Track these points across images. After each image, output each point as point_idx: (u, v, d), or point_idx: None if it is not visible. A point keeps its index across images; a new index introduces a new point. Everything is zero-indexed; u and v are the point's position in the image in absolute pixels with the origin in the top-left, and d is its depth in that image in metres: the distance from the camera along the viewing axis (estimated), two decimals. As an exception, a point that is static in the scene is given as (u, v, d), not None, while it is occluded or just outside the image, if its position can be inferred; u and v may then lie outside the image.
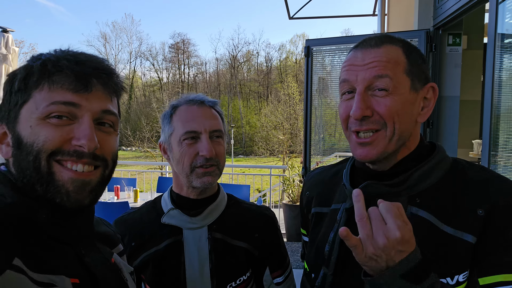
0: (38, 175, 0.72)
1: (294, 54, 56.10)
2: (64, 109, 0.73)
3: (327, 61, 4.74)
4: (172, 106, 1.31)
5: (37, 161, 0.72)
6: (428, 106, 0.96)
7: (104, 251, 0.89)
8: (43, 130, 0.72)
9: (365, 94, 0.91)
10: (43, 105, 0.72)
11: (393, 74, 0.90)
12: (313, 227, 1.15)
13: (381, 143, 0.92)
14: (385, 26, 6.09)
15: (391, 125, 0.90)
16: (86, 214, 0.83)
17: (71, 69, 0.74)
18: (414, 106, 0.93)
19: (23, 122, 0.74)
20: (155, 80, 58.09)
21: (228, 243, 1.31)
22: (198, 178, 1.24)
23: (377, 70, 0.90)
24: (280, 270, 1.43)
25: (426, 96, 0.95)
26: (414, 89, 0.92)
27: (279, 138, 33.28)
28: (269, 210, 1.50)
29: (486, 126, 2.53)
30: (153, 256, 1.26)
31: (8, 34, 4.28)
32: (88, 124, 0.75)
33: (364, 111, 0.90)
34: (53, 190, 0.73)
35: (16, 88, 0.74)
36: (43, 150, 0.72)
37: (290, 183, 7.11)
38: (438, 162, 0.95)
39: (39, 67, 0.74)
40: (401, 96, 0.90)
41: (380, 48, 0.92)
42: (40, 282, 0.67)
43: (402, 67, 0.91)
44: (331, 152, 5.31)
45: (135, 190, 5.40)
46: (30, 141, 0.72)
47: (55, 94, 0.73)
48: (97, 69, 0.78)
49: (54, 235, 0.76)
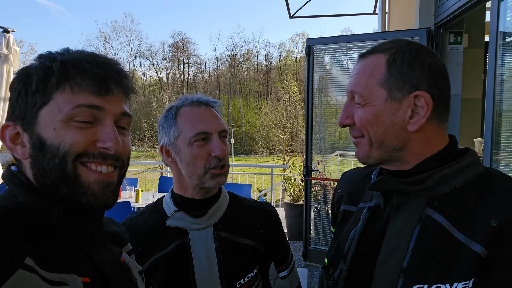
0: (64, 177, 0.74)
1: (294, 53, 56.11)
2: (88, 112, 0.75)
3: (327, 60, 4.75)
4: (174, 108, 1.30)
5: (63, 163, 0.73)
6: (419, 114, 0.92)
7: (113, 250, 0.89)
8: (68, 133, 0.73)
9: (350, 105, 0.98)
10: (68, 108, 0.73)
11: (364, 89, 0.94)
12: (339, 224, 1.17)
13: (363, 148, 0.98)
14: (385, 25, 6.08)
15: (366, 134, 0.95)
16: (97, 213, 0.84)
17: (94, 73, 0.75)
18: (395, 116, 0.92)
19: (44, 123, 0.74)
20: (154, 80, 58.09)
21: (234, 241, 1.31)
22: (212, 179, 1.25)
23: (352, 86, 0.97)
24: (284, 264, 1.45)
25: (417, 104, 0.91)
26: (393, 99, 0.92)
27: (279, 137, 33.29)
28: (270, 206, 1.51)
29: (488, 124, 2.53)
30: (162, 259, 1.26)
31: (9, 34, 4.28)
32: (112, 127, 0.77)
33: (344, 121, 0.99)
34: (79, 192, 0.75)
35: (34, 88, 0.74)
36: (70, 152, 0.73)
37: (291, 182, 7.11)
38: (464, 167, 0.92)
39: (60, 68, 0.74)
40: (373, 108, 0.93)
41: (366, 59, 0.97)
42: (52, 281, 0.68)
43: (378, 79, 0.93)
44: (331, 151, 5.31)
45: (136, 190, 5.41)
46: (55, 144, 0.73)
47: (79, 97, 0.74)
48: (117, 72, 0.80)
49: (65, 235, 0.76)
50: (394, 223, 0.93)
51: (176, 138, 1.27)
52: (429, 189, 0.92)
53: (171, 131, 1.27)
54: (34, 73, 0.75)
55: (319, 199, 4.99)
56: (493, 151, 2.53)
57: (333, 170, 6.65)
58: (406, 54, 0.92)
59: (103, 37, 56.29)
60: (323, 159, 5.15)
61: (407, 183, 0.92)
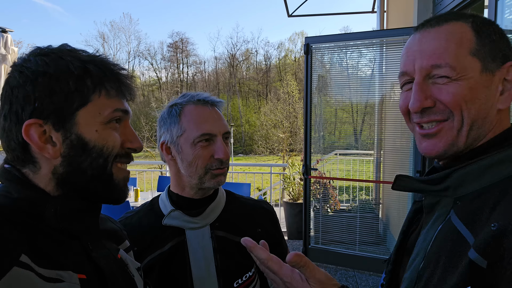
0: (104, 175, 0.81)
1: (293, 52, 56.05)
2: (121, 115, 0.83)
3: (326, 59, 4.74)
4: (178, 105, 1.28)
5: (105, 163, 0.80)
6: (510, 89, 0.80)
7: (110, 247, 0.90)
8: (110, 136, 0.80)
9: (424, 83, 0.81)
10: (108, 111, 0.80)
11: (455, 59, 0.78)
12: None
13: (448, 134, 0.81)
14: (384, 23, 6.08)
15: (458, 113, 0.79)
16: (94, 209, 0.86)
17: (124, 77, 0.83)
18: (489, 90, 0.79)
19: (84, 124, 0.77)
20: (153, 80, 58.02)
21: (231, 240, 1.30)
22: (212, 179, 1.24)
23: (434, 59, 0.79)
24: None
25: (506, 77, 0.80)
26: (488, 71, 0.79)
27: (278, 136, 33.31)
28: (267, 204, 1.50)
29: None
30: (158, 259, 1.25)
31: (7, 35, 4.28)
32: (132, 129, 0.87)
33: (423, 103, 0.81)
34: (112, 188, 0.83)
35: (73, 88, 0.75)
36: (112, 154, 0.81)
37: (291, 181, 7.11)
38: (492, 164, 0.78)
39: (97, 71, 0.79)
40: (469, 81, 0.78)
41: (442, 27, 0.81)
42: (48, 278, 0.68)
43: (468, 48, 0.79)
44: (331, 150, 5.32)
45: (135, 190, 5.41)
46: (99, 145, 0.79)
47: (115, 102, 0.81)
48: (131, 78, 0.87)
49: (61, 229, 0.76)
50: (425, 225, 0.87)
51: (179, 137, 1.25)
52: (452, 189, 0.80)
53: (174, 129, 1.25)
54: (65, 72, 0.75)
55: (318, 197, 4.99)
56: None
57: (332, 169, 6.66)
58: (486, 22, 0.82)
59: (101, 37, 56.21)
60: (322, 158, 5.16)
61: (425, 182, 0.83)
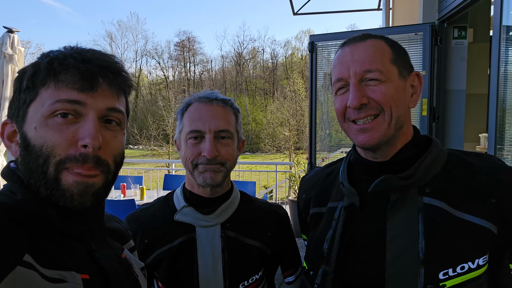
0: (45, 179, 0.73)
1: (300, 50, 55.81)
2: (69, 107, 0.73)
3: (332, 57, 4.72)
4: (185, 102, 1.30)
5: (45, 166, 0.72)
6: (416, 93, 1.02)
7: (114, 247, 0.89)
8: (49, 134, 0.72)
9: (359, 85, 0.97)
10: (49, 102, 0.72)
11: (381, 65, 0.96)
12: (312, 228, 1.16)
13: (381, 127, 0.97)
14: (390, 20, 6.05)
15: (388, 109, 0.96)
16: (96, 210, 0.83)
17: (77, 68, 0.74)
18: (405, 92, 0.99)
19: (29, 121, 0.74)
20: (161, 79, 58.07)
21: (241, 242, 1.30)
22: (200, 174, 1.23)
23: (366, 65, 0.96)
24: (291, 269, 1.42)
25: (413, 83, 1.02)
26: (402, 77, 0.99)
27: (285, 134, 33.22)
28: (281, 209, 1.48)
29: (492, 119, 2.51)
30: (167, 253, 1.26)
31: (13, 35, 4.30)
32: (93, 123, 0.74)
33: (361, 99, 0.96)
34: (57, 194, 0.73)
35: (25, 86, 0.75)
36: (51, 155, 0.72)
37: (296, 180, 7.11)
38: (438, 153, 0.99)
39: (46, 65, 0.74)
40: (392, 83, 0.96)
41: (366, 41, 0.99)
42: (51, 278, 0.67)
43: (388, 57, 0.98)
44: (337, 148, 5.29)
45: (141, 188, 5.43)
46: (38, 144, 0.72)
47: (61, 93, 0.73)
48: (104, 67, 0.77)
49: (64, 231, 0.76)
50: (394, 219, 0.94)
51: (180, 133, 1.28)
52: (418, 180, 0.95)
53: (179, 125, 1.29)
54: (27, 70, 0.76)
55: (323, 196, 4.96)
56: (497, 146, 2.50)
57: (338, 167, 6.61)
58: (393, 40, 1.03)
59: (109, 36, 56.36)
60: (328, 156, 5.13)
61: (403, 178, 0.95)
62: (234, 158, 1.30)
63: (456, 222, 0.89)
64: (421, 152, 0.99)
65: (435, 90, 3.59)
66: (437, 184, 0.95)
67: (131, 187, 5.60)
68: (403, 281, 0.88)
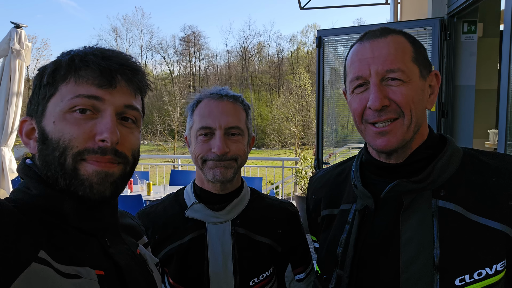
0: (63, 171, 0.74)
1: (306, 45, 55.55)
2: (88, 102, 0.75)
3: (339, 52, 4.69)
4: (195, 99, 1.30)
5: (62, 157, 0.73)
6: (434, 93, 0.98)
7: (129, 242, 0.91)
8: (66, 127, 0.73)
9: (381, 85, 0.92)
10: (68, 97, 0.74)
11: (404, 65, 0.91)
12: (324, 230, 1.14)
13: (399, 131, 0.92)
14: (398, 15, 5.99)
15: (408, 113, 0.92)
16: (110, 205, 0.84)
17: (97, 64, 0.76)
18: (424, 93, 0.95)
19: (48, 116, 0.76)
20: (166, 74, 58.15)
21: (251, 239, 1.30)
22: (210, 170, 1.23)
23: (388, 64, 0.91)
24: (302, 267, 1.42)
25: (430, 83, 0.97)
26: (423, 77, 0.95)
27: (291, 130, 33.18)
28: (292, 206, 1.48)
29: (502, 115, 2.48)
30: (177, 249, 1.26)
31: (21, 30, 4.31)
32: (110, 118, 0.76)
33: (383, 101, 0.91)
34: (76, 184, 0.74)
35: (45, 81, 0.77)
36: (69, 147, 0.73)
37: (303, 175, 7.10)
38: (452, 153, 0.95)
39: (67, 62, 0.77)
40: (414, 84, 0.92)
41: (387, 37, 0.94)
42: (66, 274, 0.68)
43: (410, 56, 0.93)
44: (343, 143, 5.27)
45: (148, 183, 5.45)
46: (55, 138, 0.74)
47: (80, 88, 0.75)
48: (123, 65, 0.80)
49: (79, 227, 0.77)
50: (407, 222, 0.91)
51: (190, 129, 1.29)
52: (433, 182, 0.92)
53: (190, 121, 1.29)
54: (48, 67, 0.78)
55: (330, 192, 4.95)
56: (508, 142, 2.48)
57: (344, 162, 6.59)
58: (412, 36, 0.97)
59: (114, 31, 56.34)
60: (334, 151, 5.12)
61: (417, 182, 0.92)
62: (245, 154, 1.29)
63: (472, 226, 0.86)
64: (436, 152, 0.96)
65: (444, 85, 3.56)
66: (452, 186, 0.92)
67: (137, 182, 5.62)
68: (417, 287, 0.86)
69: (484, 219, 0.85)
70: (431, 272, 0.85)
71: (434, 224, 0.88)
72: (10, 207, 0.66)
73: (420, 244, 0.88)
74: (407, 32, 0.98)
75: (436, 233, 0.87)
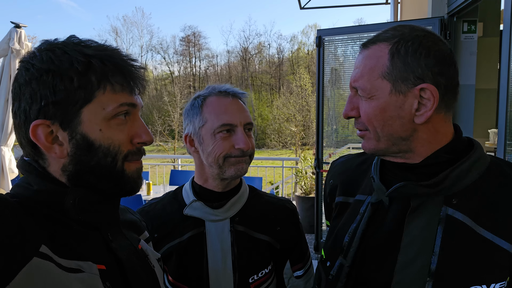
0: (113, 173, 0.79)
1: (306, 45, 55.51)
2: (127, 109, 0.80)
3: (339, 52, 4.68)
4: (201, 96, 1.29)
5: (113, 162, 0.79)
6: (426, 106, 0.88)
7: (131, 238, 0.91)
8: (115, 134, 0.79)
9: (354, 96, 0.94)
10: (112, 106, 0.77)
11: (366, 82, 0.90)
12: (336, 216, 1.14)
13: (370, 142, 0.94)
14: (398, 15, 5.99)
15: (372, 128, 0.92)
16: (113, 200, 0.86)
17: (128, 72, 0.80)
18: (401, 109, 0.88)
19: (88, 123, 0.76)
20: (166, 74, 58.13)
21: (250, 236, 1.31)
22: (232, 166, 1.24)
23: (353, 81, 0.93)
24: (300, 264, 1.43)
25: (423, 96, 0.87)
26: (398, 92, 0.88)
27: (291, 130, 33.18)
28: (290, 203, 1.49)
29: (501, 115, 2.48)
30: (176, 247, 1.27)
31: (21, 30, 4.31)
32: (142, 122, 0.84)
33: (348, 112, 0.95)
34: (123, 182, 0.82)
35: (76, 85, 0.74)
36: (119, 152, 0.79)
37: (303, 175, 7.10)
38: (475, 161, 0.89)
39: (101, 66, 0.76)
40: (378, 101, 0.89)
41: (368, 49, 0.92)
42: (68, 268, 0.69)
43: (380, 71, 0.88)
44: (344, 143, 5.27)
45: (147, 183, 5.45)
46: (105, 145, 0.77)
47: (119, 96, 0.78)
48: (141, 69, 0.84)
49: (80, 220, 0.77)
50: (412, 225, 0.89)
51: (200, 128, 1.26)
52: (446, 188, 0.88)
53: (196, 120, 1.27)
54: (68, 68, 0.74)
55: (330, 191, 4.94)
56: (507, 142, 2.47)
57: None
58: (409, 43, 0.88)
59: (114, 31, 56.25)
60: (335, 151, 5.12)
61: (427, 186, 0.88)
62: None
63: (477, 240, 0.83)
64: (458, 157, 0.90)
65: (444, 85, 3.53)
66: (467, 195, 0.87)
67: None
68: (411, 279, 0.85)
69: (492, 235, 0.82)
70: (425, 278, 0.84)
71: (438, 232, 0.86)
72: (11, 202, 0.66)
73: (418, 249, 0.86)
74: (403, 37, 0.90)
75: (438, 241, 0.85)
